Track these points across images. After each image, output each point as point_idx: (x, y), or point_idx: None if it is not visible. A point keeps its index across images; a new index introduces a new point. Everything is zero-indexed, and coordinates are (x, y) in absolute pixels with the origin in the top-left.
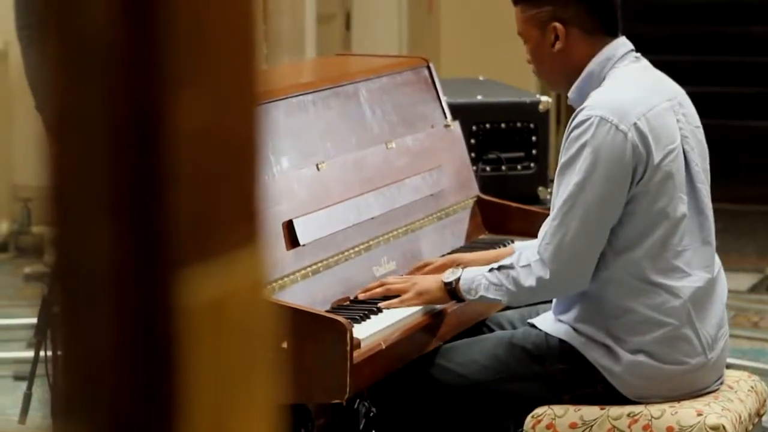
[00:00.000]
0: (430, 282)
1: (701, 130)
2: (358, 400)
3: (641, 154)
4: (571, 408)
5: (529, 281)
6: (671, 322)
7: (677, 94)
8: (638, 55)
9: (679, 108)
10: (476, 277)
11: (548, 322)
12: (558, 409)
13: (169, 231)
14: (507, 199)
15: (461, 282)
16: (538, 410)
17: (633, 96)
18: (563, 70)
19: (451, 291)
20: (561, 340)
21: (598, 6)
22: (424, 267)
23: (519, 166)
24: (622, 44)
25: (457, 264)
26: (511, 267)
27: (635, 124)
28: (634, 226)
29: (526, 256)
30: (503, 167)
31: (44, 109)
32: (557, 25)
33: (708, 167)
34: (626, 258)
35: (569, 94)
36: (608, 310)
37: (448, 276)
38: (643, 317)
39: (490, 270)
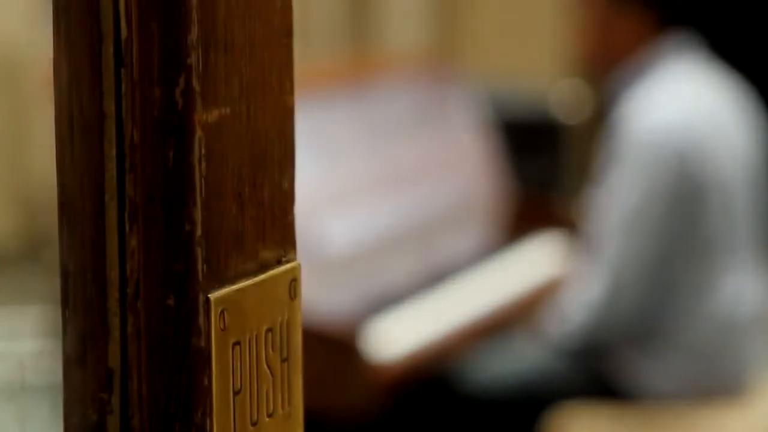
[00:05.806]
0: None
1: (750, 140)
2: (381, 415)
3: (688, 182)
4: (594, 413)
5: (584, 323)
6: (699, 324)
7: (725, 108)
8: (698, 54)
9: (723, 127)
10: None
11: None
12: (581, 414)
13: (194, 240)
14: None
15: None
16: (562, 414)
17: (680, 117)
18: (610, 46)
19: None
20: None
21: None
22: None
23: (540, 171)
24: (682, 40)
25: None
26: (562, 310)
27: (681, 151)
28: (670, 250)
29: (578, 299)
30: (524, 171)
31: None
32: None
33: (754, 186)
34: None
35: (610, 83)
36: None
37: None
38: (670, 320)
39: None
